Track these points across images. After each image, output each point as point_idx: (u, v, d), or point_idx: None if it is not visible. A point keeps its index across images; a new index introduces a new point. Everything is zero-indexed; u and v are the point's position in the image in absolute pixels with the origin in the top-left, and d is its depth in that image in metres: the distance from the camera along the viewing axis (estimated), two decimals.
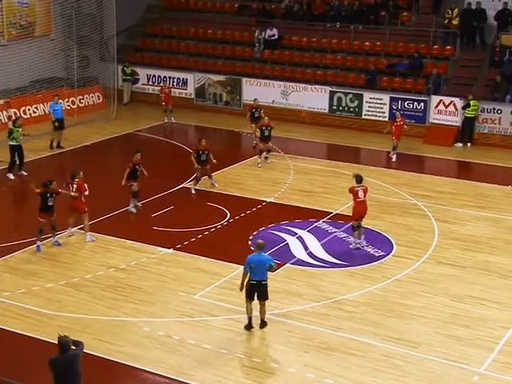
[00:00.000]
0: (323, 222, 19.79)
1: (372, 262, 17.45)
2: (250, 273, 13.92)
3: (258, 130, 24.84)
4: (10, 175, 23.16)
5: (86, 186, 18.26)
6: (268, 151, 24.85)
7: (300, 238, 18.73)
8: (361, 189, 17.91)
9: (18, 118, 25.10)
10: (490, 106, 27.35)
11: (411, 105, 28.54)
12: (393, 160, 25.44)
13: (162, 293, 15.91)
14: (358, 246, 18.09)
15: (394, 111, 27.58)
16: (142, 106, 32.44)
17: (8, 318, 14.72)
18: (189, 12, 35.54)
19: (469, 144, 27.54)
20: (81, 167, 19.44)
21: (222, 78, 32.06)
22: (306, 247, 18.24)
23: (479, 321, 14.84)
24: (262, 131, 24.49)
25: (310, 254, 17.84)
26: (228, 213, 20.29)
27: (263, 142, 24.60)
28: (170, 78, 32.96)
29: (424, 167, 25.75)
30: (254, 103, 26.99)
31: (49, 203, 17.79)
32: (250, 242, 18.26)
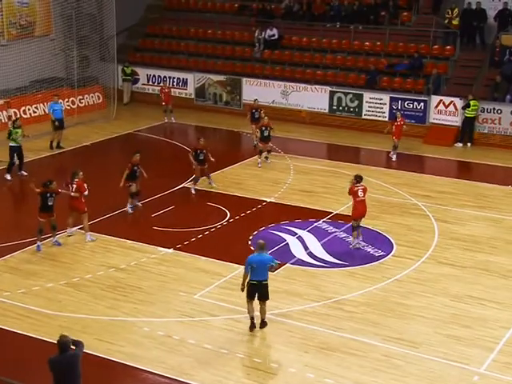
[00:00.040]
0: (323, 221, 19.80)
1: (372, 262, 17.46)
2: (250, 273, 13.92)
3: (258, 131, 24.84)
4: (7, 176, 23.04)
5: (85, 186, 18.26)
6: (269, 151, 24.84)
7: (300, 238, 18.73)
8: (360, 188, 17.91)
9: (17, 118, 25.05)
10: (489, 106, 27.36)
11: (411, 105, 28.55)
12: (393, 160, 25.45)
13: (162, 293, 15.91)
14: (358, 246, 18.09)
15: (394, 111, 27.61)
16: (142, 106, 32.44)
17: (8, 318, 14.72)
18: (189, 12, 35.55)
19: (469, 144, 27.55)
20: (81, 167, 19.43)
21: (222, 77, 32.06)
22: (305, 247, 18.24)
23: (479, 321, 14.84)
24: (262, 131, 24.48)
25: (310, 254, 17.84)
26: (228, 213, 20.29)
27: (263, 142, 24.59)
28: (170, 77, 32.96)
29: (424, 167, 25.75)
30: (255, 104, 26.98)
31: (49, 203, 17.79)
32: (250, 242, 18.27)
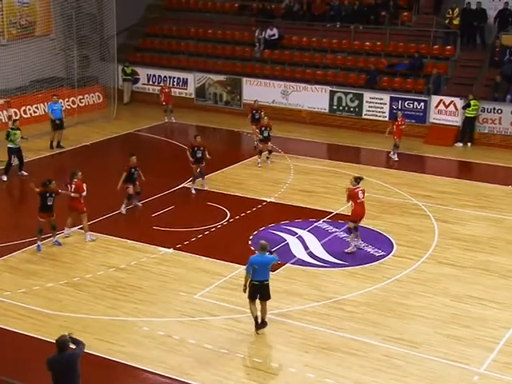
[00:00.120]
0: (323, 221, 19.80)
1: (372, 262, 17.45)
2: (252, 273, 13.90)
3: (258, 131, 24.83)
4: (3, 177, 22.93)
5: (84, 187, 18.23)
6: (269, 152, 24.80)
7: (300, 238, 18.73)
8: (360, 190, 17.84)
9: (16, 119, 25.00)
10: (490, 106, 27.36)
11: (411, 105, 28.55)
12: (395, 159, 25.41)
13: (163, 292, 15.91)
14: (353, 250, 17.90)
15: (395, 111, 27.62)
16: (142, 106, 32.45)
17: (9, 317, 14.72)
18: (189, 12, 35.55)
19: (469, 144, 27.55)
20: (81, 167, 19.44)
21: (222, 77, 32.06)
22: (306, 247, 18.24)
23: (479, 321, 14.84)
24: (262, 132, 24.47)
25: (310, 254, 17.84)
26: (228, 212, 20.29)
27: (263, 142, 24.57)
28: (170, 77, 32.96)
29: (424, 167, 25.74)
30: (255, 104, 26.94)
31: (48, 203, 17.78)
32: (250, 242, 18.28)
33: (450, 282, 16.48)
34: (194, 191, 21.94)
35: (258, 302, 14.15)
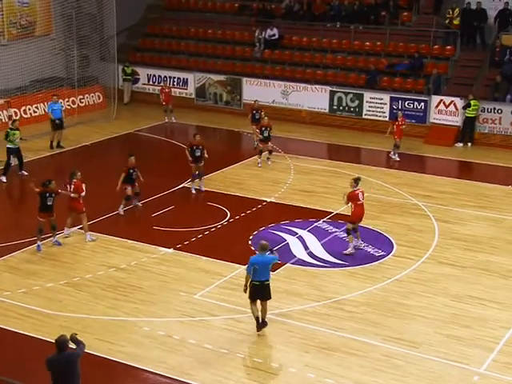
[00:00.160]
0: (323, 221, 19.80)
1: (372, 262, 17.45)
2: (252, 273, 13.89)
3: (259, 131, 24.83)
4: (3, 178, 22.93)
5: (83, 187, 18.22)
6: (270, 152, 24.79)
7: (300, 238, 18.73)
8: (360, 191, 17.82)
9: (15, 120, 24.98)
10: (490, 106, 27.36)
11: (411, 105, 28.54)
12: (397, 159, 25.38)
13: (163, 292, 15.91)
14: (353, 250, 17.90)
15: (395, 111, 27.62)
16: (143, 106, 32.45)
17: (9, 317, 14.72)
18: (189, 12, 35.56)
19: (469, 144, 27.55)
20: (81, 167, 19.45)
21: (222, 77, 32.06)
22: (306, 247, 18.24)
23: (479, 321, 14.84)
24: (262, 132, 24.47)
25: (310, 254, 17.84)
26: (228, 212, 20.29)
27: (263, 142, 24.57)
28: (170, 77, 32.97)
29: (425, 167, 25.74)
30: (255, 104, 26.92)
31: (48, 203, 17.78)
32: (250, 242, 18.28)
33: (450, 282, 16.48)
34: (194, 191, 21.94)
35: (258, 301, 14.16)
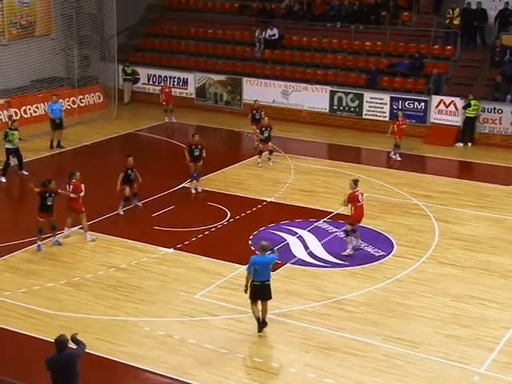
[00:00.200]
0: (323, 221, 19.79)
1: (372, 262, 17.45)
2: (253, 274, 13.88)
3: (259, 131, 24.83)
4: (2, 178, 22.90)
5: (82, 187, 18.20)
6: (270, 152, 24.77)
7: (300, 238, 18.73)
8: (359, 193, 17.78)
9: (15, 120, 24.96)
10: (490, 106, 27.36)
11: (412, 105, 28.54)
12: (398, 159, 25.38)
13: (163, 292, 15.91)
14: (352, 251, 17.91)
15: (395, 111, 27.62)
16: (143, 106, 32.45)
17: (10, 317, 14.72)
18: (189, 12, 35.56)
19: (469, 144, 27.54)
20: (81, 167, 19.46)
21: (222, 77, 32.06)
22: (306, 247, 18.24)
23: (480, 321, 14.84)
24: (262, 132, 24.47)
25: (311, 254, 17.84)
26: (228, 212, 20.29)
27: (263, 142, 24.57)
28: (170, 77, 32.97)
29: (425, 167, 25.74)
30: (255, 104, 26.91)
31: (48, 203, 17.77)
32: (250, 242, 18.28)
33: (450, 282, 16.48)
34: (193, 191, 21.95)
35: (259, 302, 14.15)
